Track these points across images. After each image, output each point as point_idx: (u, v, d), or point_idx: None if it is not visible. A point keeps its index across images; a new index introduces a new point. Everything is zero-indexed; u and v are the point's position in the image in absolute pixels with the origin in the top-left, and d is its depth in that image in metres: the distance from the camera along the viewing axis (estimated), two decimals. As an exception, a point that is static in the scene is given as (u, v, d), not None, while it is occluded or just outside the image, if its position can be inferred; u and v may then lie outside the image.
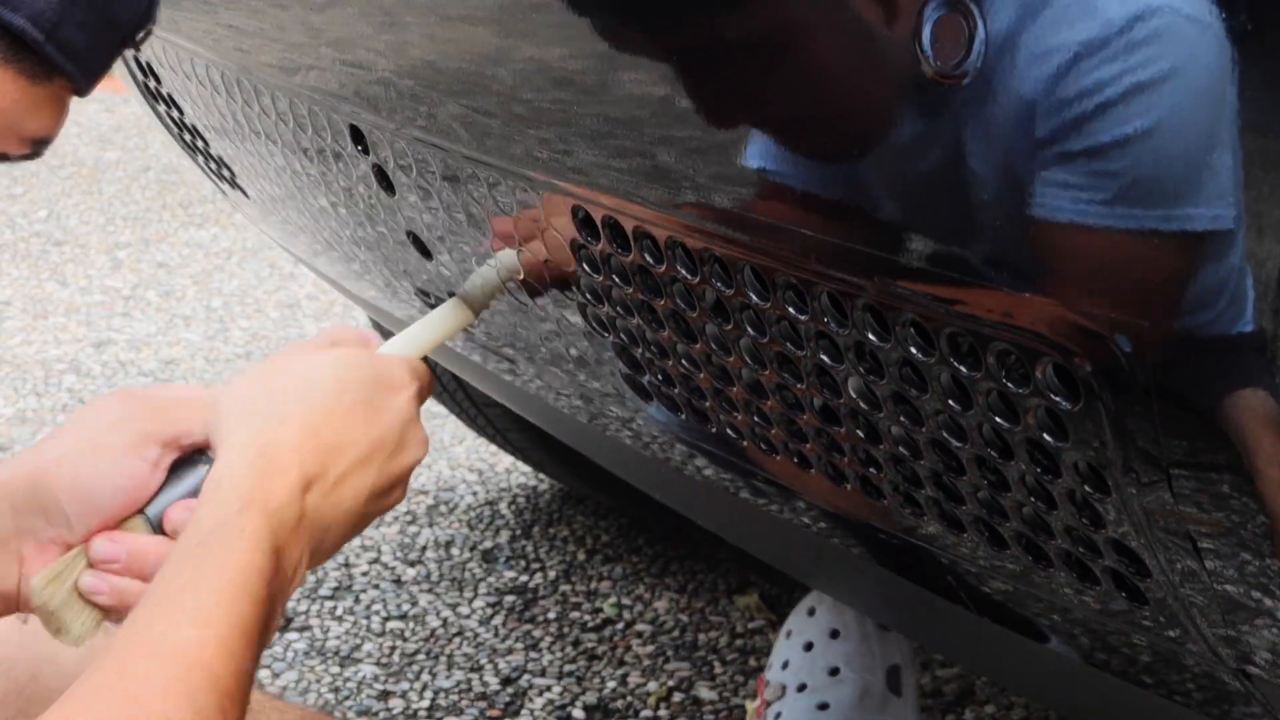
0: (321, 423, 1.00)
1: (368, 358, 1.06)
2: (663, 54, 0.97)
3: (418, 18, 1.16)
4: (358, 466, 1.01)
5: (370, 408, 1.02)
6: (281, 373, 1.04)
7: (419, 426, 1.06)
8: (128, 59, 1.68)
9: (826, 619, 1.66)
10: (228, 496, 0.95)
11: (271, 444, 0.98)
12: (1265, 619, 0.83)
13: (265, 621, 0.93)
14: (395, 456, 1.03)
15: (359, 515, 1.01)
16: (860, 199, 0.87)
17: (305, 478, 0.98)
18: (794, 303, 0.94)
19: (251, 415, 1.00)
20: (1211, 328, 0.74)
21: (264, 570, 0.92)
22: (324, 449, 0.99)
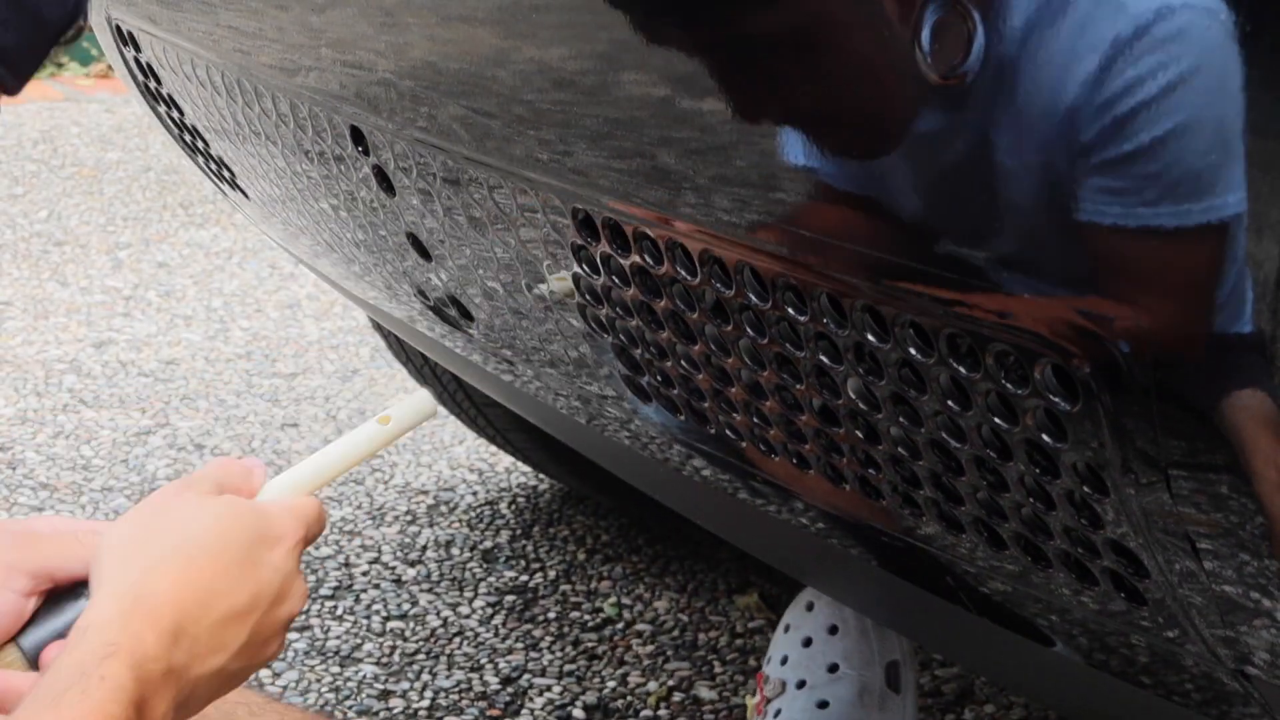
0: (197, 576, 0.99)
1: (249, 510, 1.05)
2: (663, 55, 0.97)
3: (418, 19, 1.16)
4: (231, 621, 1.00)
5: (249, 563, 1.02)
6: (164, 520, 1.03)
7: (299, 579, 1.06)
8: (129, 60, 1.68)
9: (825, 614, 1.66)
10: (92, 643, 0.94)
11: (145, 592, 0.97)
12: (1264, 620, 0.83)
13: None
14: (271, 611, 1.02)
15: (231, 671, 1.01)
16: (860, 199, 0.87)
17: (174, 629, 0.96)
18: (793, 304, 0.94)
19: (128, 560, 1.00)
20: (1211, 328, 0.74)
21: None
22: (198, 602, 0.98)
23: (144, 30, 1.57)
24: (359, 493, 2.46)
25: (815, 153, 0.89)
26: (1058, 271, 0.78)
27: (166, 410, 2.77)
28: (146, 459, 2.58)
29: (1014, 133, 0.78)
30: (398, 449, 2.60)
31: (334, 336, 3.15)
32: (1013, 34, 0.77)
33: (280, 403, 2.81)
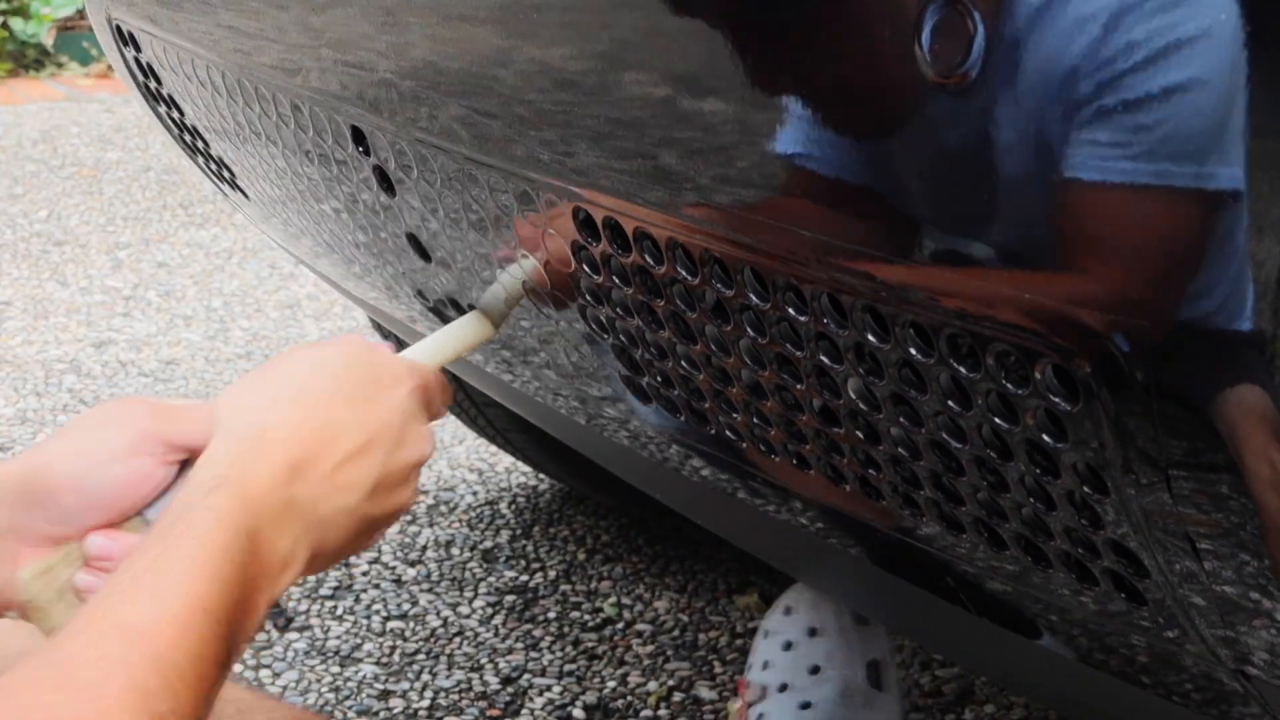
0: (313, 411, 0.97)
1: (368, 352, 1.03)
2: (664, 55, 0.98)
3: (419, 18, 1.16)
4: (354, 457, 0.98)
5: (367, 399, 1.00)
6: (278, 366, 1.02)
7: (422, 423, 1.03)
8: (129, 60, 1.68)
9: (805, 617, 1.66)
10: (202, 478, 0.93)
11: (258, 428, 0.96)
12: (1264, 620, 0.83)
13: (236, 605, 0.88)
14: (396, 451, 1.00)
15: (362, 514, 0.98)
16: (860, 199, 0.87)
17: (292, 463, 0.95)
18: (793, 303, 0.94)
19: (244, 406, 0.98)
20: (1211, 328, 0.74)
21: (232, 551, 0.88)
22: (315, 436, 0.96)
23: (144, 30, 1.57)
24: (359, 493, 2.46)
25: (816, 152, 0.89)
26: (1058, 270, 0.78)
27: (166, 410, 2.76)
28: (146, 459, 2.58)
29: (1014, 131, 0.78)
30: (398, 449, 2.60)
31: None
32: (1013, 34, 0.77)
33: (280, 403, 2.81)
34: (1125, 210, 0.75)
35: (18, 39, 5.49)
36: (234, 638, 0.88)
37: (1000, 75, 0.77)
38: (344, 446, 0.97)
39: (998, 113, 0.78)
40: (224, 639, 0.87)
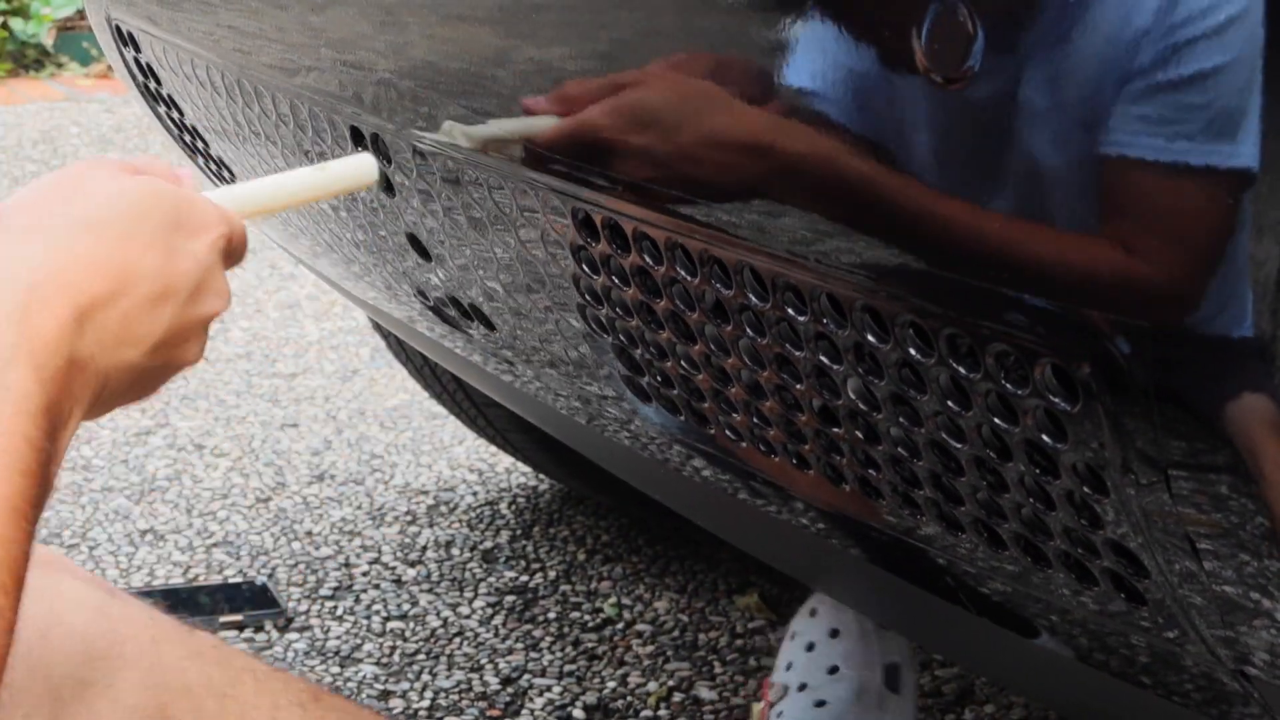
0: (106, 254, 0.88)
1: (172, 192, 0.93)
2: (664, 55, 0.98)
3: (418, 18, 1.16)
4: (148, 304, 0.89)
5: (167, 246, 0.90)
6: (71, 191, 0.91)
7: (222, 277, 0.94)
8: (128, 60, 1.68)
9: (827, 619, 1.67)
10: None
11: (45, 275, 0.85)
12: (1264, 620, 0.83)
13: (36, 492, 0.81)
14: (190, 305, 0.91)
15: (144, 368, 0.90)
16: (860, 198, 0.87)
17: (78, 312, 0.85)
18: (793, 304, 0.94)
19: (27, 237, 0.88)
20: (1211, 328, 0.74)
21: (33, 437, 0.81)
22: (107, 284, 0.87)
23: (144, 30, 1.57)
24: (359, 493, 2.46)
25: (815, 152, 0.89)
26: (1057, 270, 0.78)
27: (166, 410, 2.77)
28: (146, 459, 2.58)
29: (1014, 130, 0.78)
30: (397, 449, 2.60)
31: (334, 336, 3.15)
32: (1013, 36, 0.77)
33: (280, 403, 2.81)
34: (1125, 210, 0.75)
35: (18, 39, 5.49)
36: (35, 521, 0.81)
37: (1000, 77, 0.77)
38: (138, 293, 0.88)
39: (998, 112, 0.78)
40: (29, 534, 0.80)
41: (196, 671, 1.10)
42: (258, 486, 2.48)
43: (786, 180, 0.91)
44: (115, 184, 0.92)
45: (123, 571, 2.23)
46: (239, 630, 2.07)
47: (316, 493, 2.46)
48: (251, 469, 2.54)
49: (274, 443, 2.64)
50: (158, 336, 0.89)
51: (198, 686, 1.09)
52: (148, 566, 2.25)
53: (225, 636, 2.06)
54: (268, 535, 2.34)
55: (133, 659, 1.08)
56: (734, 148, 0.93)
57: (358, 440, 2.64)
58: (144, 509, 2.40)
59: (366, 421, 2.72)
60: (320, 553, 2.29)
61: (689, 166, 0.96)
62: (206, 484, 2.49)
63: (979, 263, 0.81)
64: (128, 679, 1.07)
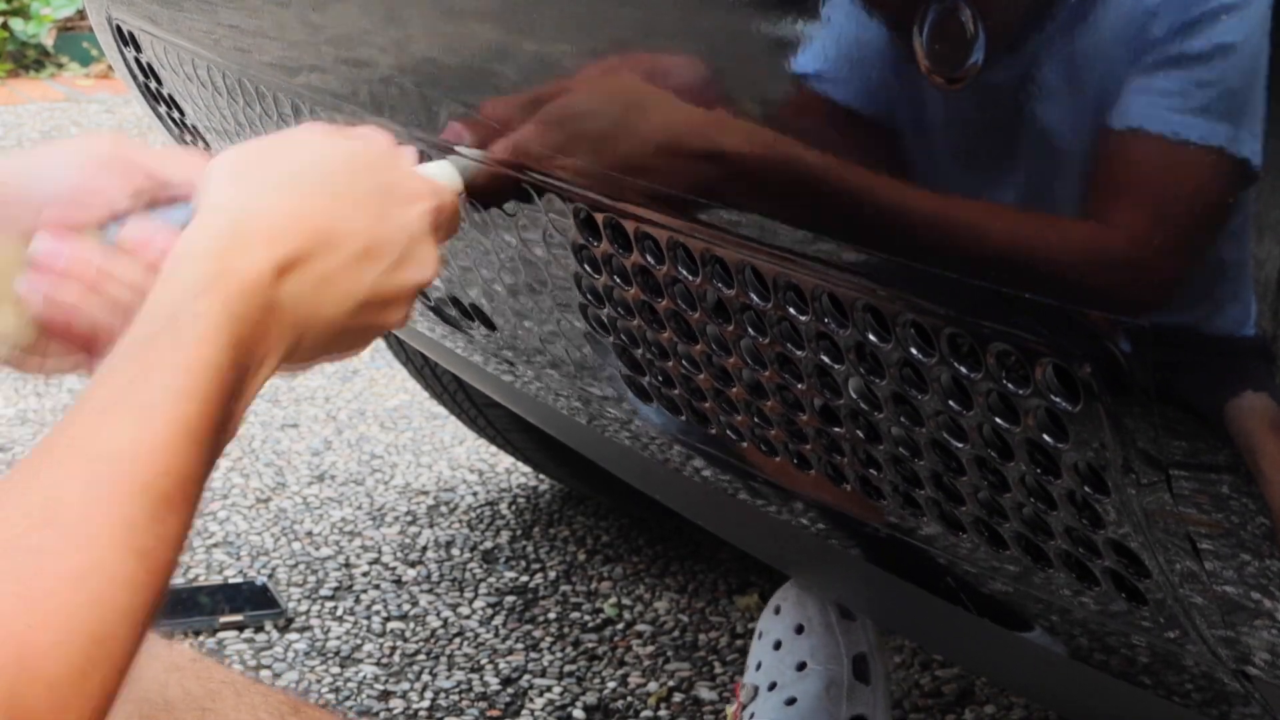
0: (316, 205, 0.88)
1: (386, 158, 0.94)
2: (664, 55, 0.98)
3: (419, 16, 1.16)
4: (352, 264, 0.88)
5: (377, 208, 0.90)
6: (289, 144, 0.92)
7: (430, 246, 0.94)
8: (129, 60, 1.68)
9: (791, 615, 1.66)
10: (186, 276, 0.83)
11: (248, 213, 0.86)
12: (1264, 620, 0.83)
13: (218, 421, 0.81)
14: (399, 268, 0.91)
15: (345, 325, 0.90)
16: (859, 199, 0.87)
17: (280, 260, 0.85)
18: (794, 303, 0.94)
19: (239, 179, 0.89)
20: (1212, 328, 0.74)
21: (218, 366, 0.81)
22: (312, 233, 0.87)
23: (144, 30, 1.57)
24: (359, 493, 2.46)
25: (816, 152, 0.89)
26: (1058, 269, 0.78)
27: (167, 410, 2.76)
28: (146, 459, 2.58)
29: (1015, 130, 0.78)
30: (398, 449, 2.60)
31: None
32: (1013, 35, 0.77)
33: (280, 403, 2.81)
34: (1126, 210, 0.75)
35: (18, 39, 5.49)
36: (215, 454, 0.83)
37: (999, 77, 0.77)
38: (342, 252, 0.88)
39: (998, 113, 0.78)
40: (208, 459, 0.81)
41: (175, 685, 1.09)
42: (258, 487, 2.48)
43: (786, 180, 0.91)
44: (330, 144, 0.92)
45: (123, 571, 2.23)
46: (239, 630, 2.07)
47: (317, 493, 2.46)
48: (252, 469, 2.54)
49: (274, 443, 2.64)
50: (360, 297, 0.89)
51: (177, 701, 1.09)
52: (148, 566, 2.25)
53: (225, 637, 2.06)
54: (268, 535, 2.34)
55: None
56: (732, 147, 0.93)
57: (358, 440, 2.64)
58: (144, 509, 2.40)
59: (367, 422, 2.72)
60: (320, 553, 2.29)
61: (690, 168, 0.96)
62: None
63: (980, 262, 0.81)
64: None
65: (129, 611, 0.74)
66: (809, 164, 0.89)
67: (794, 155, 0.90)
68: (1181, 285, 0.74)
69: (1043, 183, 0.78)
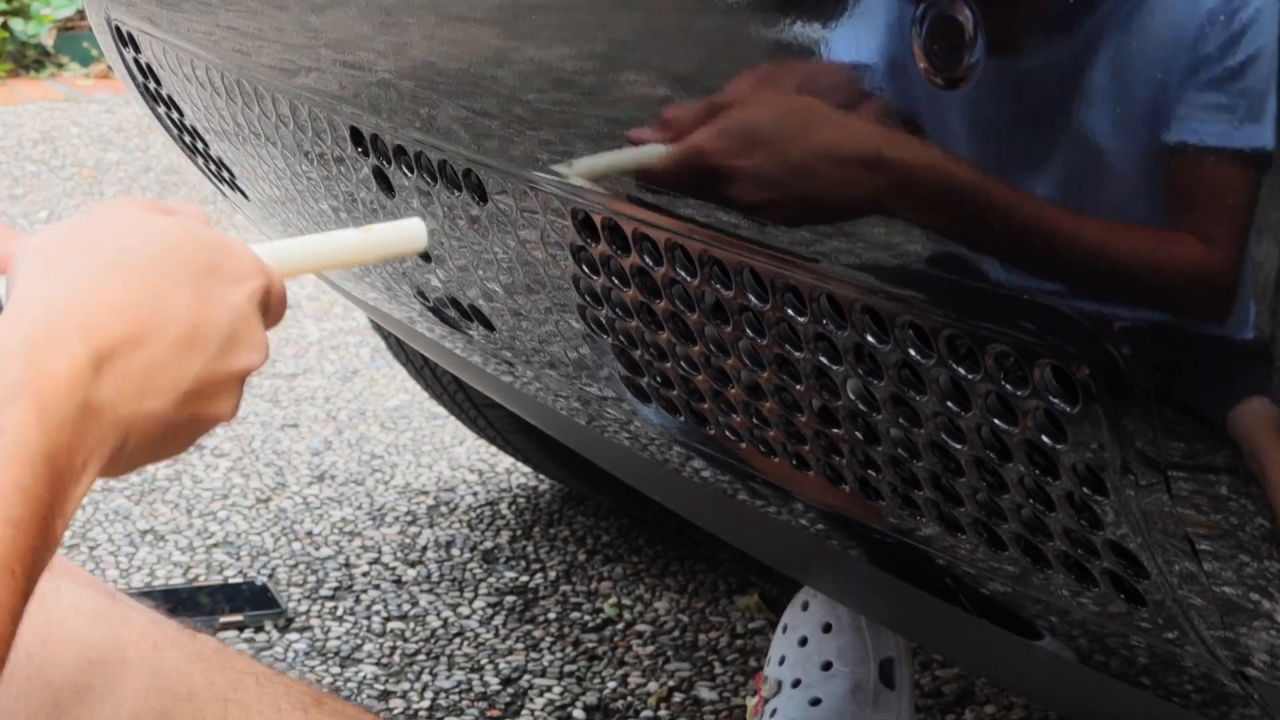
0: (133, 295, 0.81)
1: (206, 234, 0.86)
2: (664, 55, 0.98)
3: (418, 18, 1.16)
4: (173, 353, 0.81)
5: (199, 292, 0.83)
6: (103, 226, 0.85)
7: (259, 329, 0.88)
8: (128, 61, 1.68)
9: (820, 613, 1.65)
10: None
11: (59, 306, 0.79)
12: (1264, 621, 0.83)
13: (29, 546, 0.74)
14: (223, 356, 0.84)
15: (170, 419, 0.82)
16: (859, 199, 0.87)
17: (96, 355, 0.78)
18: (793, 305, 0.94)
19: (49, 267, 0.82)
20: (1211, 329, 0.74)
21: (25, 486, 0.74)
22: (132, 325, 0.80)
23: (143, 31, 1.57)
24: (359, 493, 2.46)
25: (816, 152, 0.89)
26: (1057, 272, 0.78)
27: (167, 411, 2.76)
28: (147, 459, 2.58)
29: (1012, 132, 0.78)
30: (398, 450, 2.60)
31: (334, 337, 3.15)
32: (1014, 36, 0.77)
33: (280, 403, 2.81)
34: (1124, 210, 0.75)
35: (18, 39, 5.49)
36: (30, 582, 0.74)
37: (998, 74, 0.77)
38: (162, 341, 0.81)
39: (998, 114, 0.78)
40: (21, 589, 0.73)
41: (199, 676, 1.10)
42: (258, 487, 2.48)
43: (786, 181, 0.91)
44: (147, 223, 0.86)
45: (123, 572, 2.23)
46: (239, 631, 2.07)
47: (317, 493, 2.46)
48: (252, 469, 2.54)
49: (274, 443, 2.64)
50: (186, 386, 0.83)
51: (200, 691, 1.09)
52: (148, 567, 2.25)
53: (225, 637, 2.06)
54: (268, 535, 2.34)
55: (134, 664, 1.07)
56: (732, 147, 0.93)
57: (358, 440, 2.64)
58: (144, 509, 2.40)
59: (367, 422, 2.72)
60: (320, 553, 2.29)
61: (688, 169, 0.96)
62: (207, 484, 2.49)
63: (978, 263, 0.81)
64: (129, 685, 1.07)
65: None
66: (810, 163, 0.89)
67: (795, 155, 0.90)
68: (1180, 286, 0.74)
69: (1042, 183, 0.78)
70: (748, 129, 0.92)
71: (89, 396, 0.78)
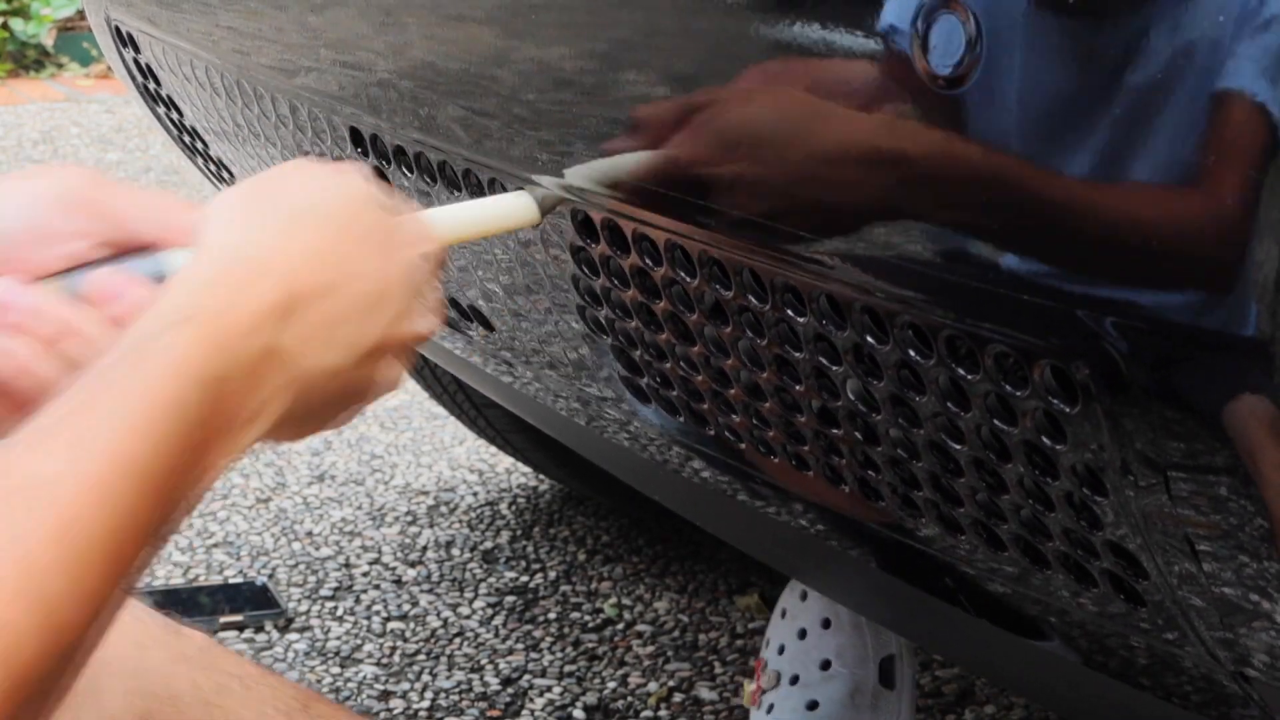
0: (322, 243, 0.80)
1: (387, 200, 0.86)
2: (664, 55, 0.97)
3: (417, 19, 1.16)
4: (360, 309, 0.80)
5: (386, 249, 0.83)
6: (290, 182, 0.85)
7: (435, 293, 0.87)
8: (128, 61, 1.68)
9: (819, 606, 1.63)
10: (168, 305, 0.75)
11: (251, 252, 0.78)
12: (1263, 621, 0.83)
13: (180, 468, 0.72)
14: (405, 316, 0.83)
15: (346, 379, 0.81)
16: (859, 199, 0.87)
17: (285, 301, 0.77)
18: (792, 305, 0.94)
19: (242, 218, 0.81)
20: (1210, 329, 0.74)
21: (184, 404, 0.71)
22: (319, 274, 0.79)
23: (143, 31, 1.57)
24: (359, 493, 2.46)
25: (814, 152, 0.89)
26: (1057, 271, 0.78)
27: (167, 411, 2.76)
28: (147, 460, 2.58)
29: (1009, 129, 0.78)
30: (398, 450, 2.60)
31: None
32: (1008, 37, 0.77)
33: (280, 403, 2.81)
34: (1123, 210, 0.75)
35: (18, 39, 5.49)
36: (172, 506, 0.72)
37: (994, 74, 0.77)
38: (350, 295, 0.80)
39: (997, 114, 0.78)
40: (157, 508, 0.71)
41: (183, 677, 1.08)
42: (258, 487, 2.48)
43: (784, 181, 0.91)
44: (334, 182, 0.84)
45: (123, 572, 2.23)
46: (239, 631, 2.07)
47: (317, 493, 2.46)
48: (251, 469, 2.54)
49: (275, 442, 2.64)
50: (368, 344, 0.81)
51: (184, 694, 1.08)
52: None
53: (225, 637, 2.06)
54: (268, 535, 2.34)
55: (117, 664, 1.04)
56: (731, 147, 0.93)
57: (358, 441, 2.64)
58: (144, 509, 2.40)
59: (366, 422, 2.72)
60: (320, 553, 2.29)
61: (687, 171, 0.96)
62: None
63: (977, 263, 0.81)
64: (112, 686, 1.04)
65: (24, 677, 0.65)
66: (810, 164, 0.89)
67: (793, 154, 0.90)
68: (1180, 285, 0.74)
69: (1042, 183, 0.77)
70: (747, 129, 0.92)
71: (273, 340, 0.76)
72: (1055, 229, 0.78)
